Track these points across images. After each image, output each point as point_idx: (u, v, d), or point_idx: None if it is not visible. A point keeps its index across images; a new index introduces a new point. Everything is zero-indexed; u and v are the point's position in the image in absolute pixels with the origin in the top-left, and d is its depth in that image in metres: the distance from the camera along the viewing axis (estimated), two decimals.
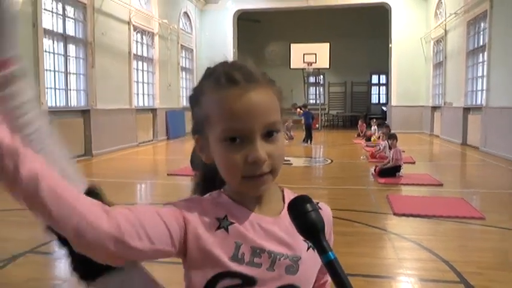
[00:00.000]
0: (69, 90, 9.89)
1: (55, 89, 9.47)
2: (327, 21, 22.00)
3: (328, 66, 19.58)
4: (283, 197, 0.85)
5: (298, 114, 14.02)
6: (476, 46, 12.35)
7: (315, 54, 18.98)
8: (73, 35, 10.02)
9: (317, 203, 0.78)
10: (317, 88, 23.55)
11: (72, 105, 10.02)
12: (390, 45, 18.02)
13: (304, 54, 19.01)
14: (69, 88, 9.89)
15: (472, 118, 12.15)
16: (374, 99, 25.24)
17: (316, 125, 18.32)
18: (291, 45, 19.59)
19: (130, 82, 12.42)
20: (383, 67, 20.47)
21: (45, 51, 8.89)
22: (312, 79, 23.57)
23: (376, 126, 13.48)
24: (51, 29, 9.17)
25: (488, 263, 3.47)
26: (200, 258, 0.75)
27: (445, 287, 3.10)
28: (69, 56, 9.92)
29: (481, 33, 11.95)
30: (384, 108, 22.11)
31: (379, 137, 11.54)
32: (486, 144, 10.73)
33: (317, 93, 23.51)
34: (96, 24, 10.50)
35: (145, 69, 13.91)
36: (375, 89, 25.35)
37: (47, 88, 8.92)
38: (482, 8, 11.40)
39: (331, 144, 14.51)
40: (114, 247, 0.67)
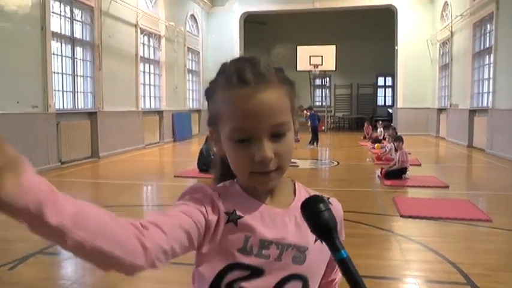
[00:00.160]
0: (76, 93, 9.97)
1: (63, 91, 9.55)
2: (333, 24, 22.00)
3: (334, 69, 19.57)
4: (295, 190, 0.87)
5: (305, 116, 14.02)
6: (482, 48, 12.31)
7: (321, 56, 18.99)
8: (80, 37, 10.09)
9: (328, 198, 0.81)
10: (323, 90, 23.53)
11: (79, 107, 10.09)
12: (396, 48, 17.95)
13: (310, 56, 19.02)
14: (76, 90, 9.96)
15: (478, 120, 12.11)
16: (380, 102, 25.18)
17: (322, 127, 18.29)
18: (297, 47, 19.58)
19: (137, 84, 12.49)
20: (389, 69, 20.41)
21: (53, 53, 8.98)
22: (318, 81, 23.59)
23: (382, 129, 13.46)
24: (59, 31, 9.26)
25: (495, 264, 3.47)
26: (212, 251, 0.78)
27: None
28: (77, 58, 10.00)
29: (487, 35, 11.92)
30: (390, 110, 22.03)
31: (384, 138, 11.49)
32: (492, 147, 10.69)
33: (323, 96, 23.51)
34: (104, 27, 10.58)
35: (152, 71, 13.97)
36: (381, 91, 25.26)
37: (54, 90, 8.98)
38: (489, 10, 11.37)
39: (337, 146, 14.51)
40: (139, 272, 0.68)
